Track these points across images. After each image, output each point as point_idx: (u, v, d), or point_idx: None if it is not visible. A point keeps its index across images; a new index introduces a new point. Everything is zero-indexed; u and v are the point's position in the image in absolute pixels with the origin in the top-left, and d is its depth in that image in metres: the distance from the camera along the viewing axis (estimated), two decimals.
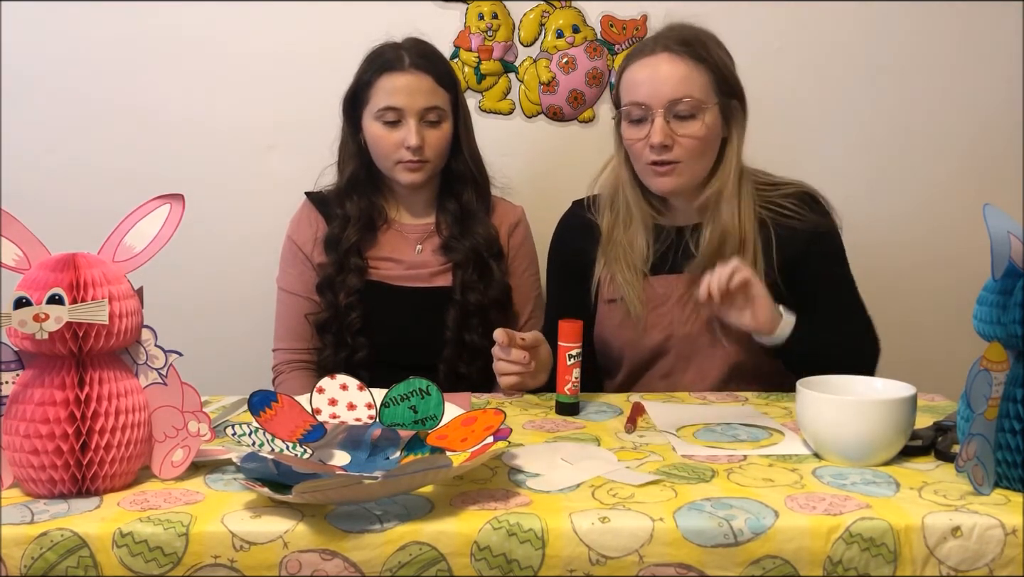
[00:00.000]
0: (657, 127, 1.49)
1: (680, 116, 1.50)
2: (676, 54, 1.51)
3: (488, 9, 2.09)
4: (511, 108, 2.13)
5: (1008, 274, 0.99)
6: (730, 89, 1.54)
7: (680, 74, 1.50)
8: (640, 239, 1.58)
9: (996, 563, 0.91)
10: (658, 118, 1.49)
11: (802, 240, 1.55)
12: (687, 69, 1.50)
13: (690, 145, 1.51)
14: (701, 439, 1.22)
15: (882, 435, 1.08)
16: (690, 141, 1.50)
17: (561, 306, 1.65)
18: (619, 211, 1.61)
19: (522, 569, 0.91)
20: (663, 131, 1.49)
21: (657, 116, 1.49)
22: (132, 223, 1.07)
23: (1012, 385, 0.99)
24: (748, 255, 1.53)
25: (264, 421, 1.08)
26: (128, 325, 1.03)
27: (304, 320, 1.77)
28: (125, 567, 0.90)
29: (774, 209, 1.57)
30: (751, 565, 0.91)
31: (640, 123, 1.52)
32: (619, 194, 1.61)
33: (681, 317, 1.56)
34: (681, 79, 1.50)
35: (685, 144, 1.50)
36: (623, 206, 1.60)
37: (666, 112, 1.49)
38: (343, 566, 0.91)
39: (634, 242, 1.58)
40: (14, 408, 1.01)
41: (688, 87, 1.50)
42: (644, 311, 1.57)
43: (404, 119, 1.68)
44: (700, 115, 1.50)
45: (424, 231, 1.79)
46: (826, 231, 1.58)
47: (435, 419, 1.14)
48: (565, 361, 1.38)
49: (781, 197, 1.58)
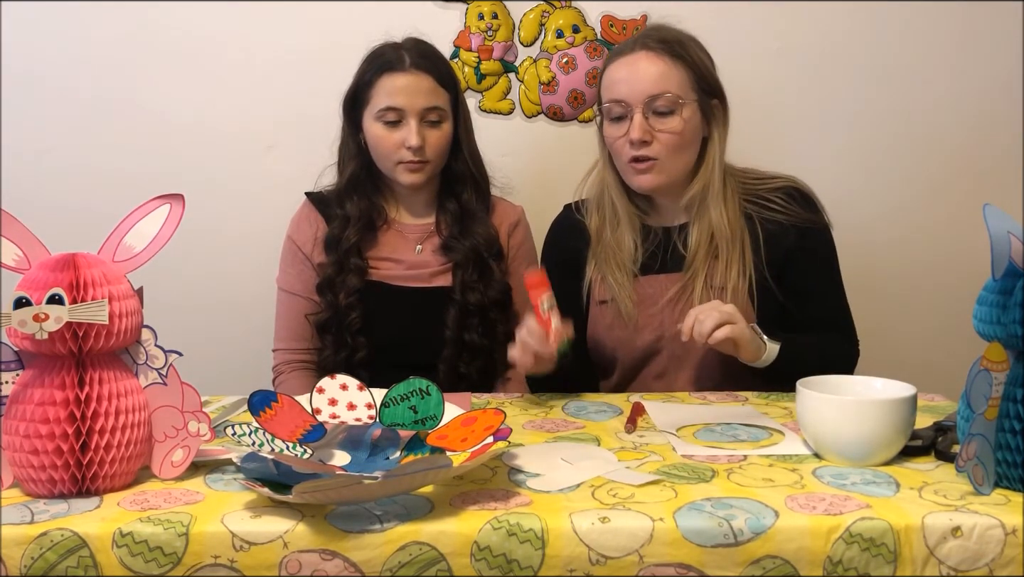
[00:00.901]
0: (636, 123, 1.51)
1: (658, 112, 1.52)
2: (654, 52, 1.53)
3: (488, 9, 2.09)
4: (511, 108, 2.13)
5: (1008, 274, 0.99)
6: (709, 88, 1.56)
7: (658, 70, 1.52)
8: (628, 239, 1.60)
9: (996, 563, 0.91)
10: (637, 114, 1.51)
11: (792, 236, 1.56)
12: (665, 66, 1.52)
13: (668, 141, 1.53)
14: (701, 439, 1.22)
15: (882, 435, 1.08)
16: (668, 137, 1.52)
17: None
18: (606, 213, 1.63)
19: (522, 569, 0.91)
20: (641, 127, 1.51)
21: (636, 112, 1.51)
22: (132, 223, 1.07)
23: (1012, 385, 0.99)
24: (736, 253, 1.54)
25: (264, 421, 1.08)
26: (128, 325, 1.03)
27: (304, 320, 1.77)
28: (125, 567, 0.90)
29: (760, 203, 1.59)
30: (751, 565, 0.91)
31: (620, 120, 1.54)
32: (605, 196, 1.63)
33: (672, 317, 1.57)
34: (659, 75, 1.52)
35: (663, 140, 1.52)
36: (609, 208, 1.62)
37: (644, 108, 1.51)
38: (343, 566, 0.91)
39: (622, 243, 1.60)
40: (14, 408, 1.01)
41: (666, 83, 1.52)
42: (635, 311, 1.58)
43: (405, 119, 1.68)
44: (678, 111, 1.52)
45: (424, 231, 1.79)
46: (816, 228, 1.59)
47: (435, 419, 1.14)
48: (540, 312, 1.38)
49: (768, 191, 1.60)
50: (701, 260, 1.55)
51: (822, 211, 1.61)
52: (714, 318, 1.38)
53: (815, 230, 1.58)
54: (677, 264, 1.58)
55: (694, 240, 1.56)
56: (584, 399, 1.47)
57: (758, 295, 1.54)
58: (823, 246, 1.60)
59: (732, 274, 1.54)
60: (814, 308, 1.57)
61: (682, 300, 1.55)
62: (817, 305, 1.58)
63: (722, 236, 1.55)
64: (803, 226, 1.57)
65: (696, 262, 1.56)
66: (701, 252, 1.55)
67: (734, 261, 1.54)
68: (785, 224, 1.57)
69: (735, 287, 1.53)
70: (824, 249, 1.60)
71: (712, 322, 1.37)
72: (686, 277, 1.56)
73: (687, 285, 1.56)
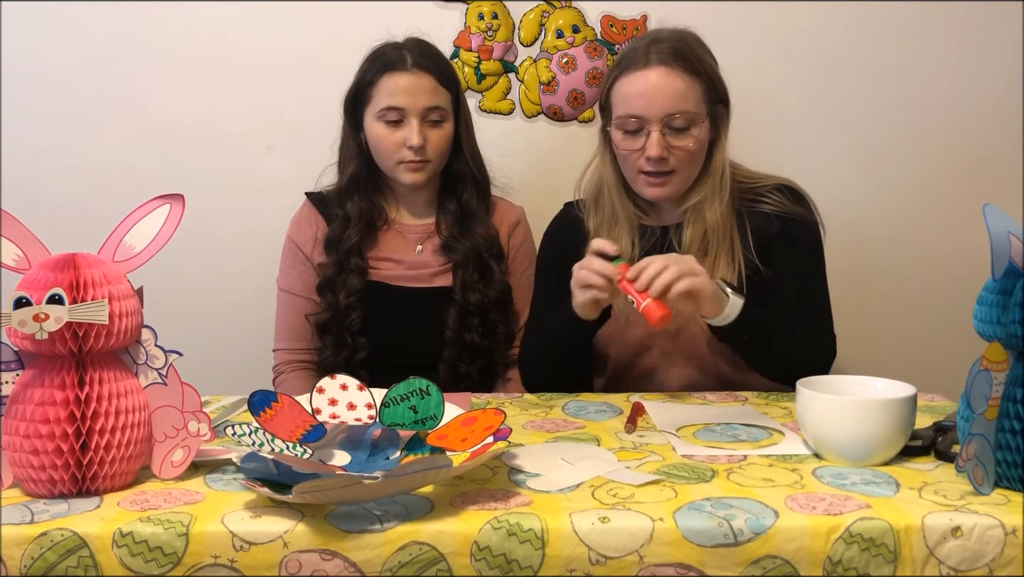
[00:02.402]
0: (654, 141, 1.51)
1: (675, 129, 1.52)
2: (671, 68, 1.52)
3: (488, 9, 2.09)
4: (511, 108, 2.13)
5: (1008, 274, 0.99)
6: (718, 95, 1.57)
7: (676, 89, 1.51)
8: (625, 239, 1.60)
9: (996, 563, 0.91)
10: (654, 132, 1.51)
11: (776, 225, 1.58)
12: (683, 84, 1.52)
13: (684, 156, 1.54)
14: (701, 439, 1.22)
15: (882, 435, 1.08)
16: (685, 153, 1.53)
17: (549, 299, 1.66)
18: (604, 212, 1.63)
19: (522, 569, 0.91)
20: (660, 145, 1.51)
21: (654, 131, 1.51)
22: (132, 223, 1.07)
23: (1012, 385, 0.99)
24: (725, 247, 1.55)
25: (264, 421, 1.08)
26: (128, 325, 1.03)
27: (304, 320, 1.77)
28: (125, 567, 0.90)
29: (751, 199, 1.60)
30: (751, 565, 0.91)
31: (635, 134, 1.53)
32: (603, 195, 1.63)
33: None
34: (677, 94, 1.51)
35: (680, 156, 1.53)
36: (608, 207, 1.63)
37: (662, 126, 1.51)
38: (343, 566, 0.91)
39: (619, 242, 1.60)
40: (14, 408, 1.01)
41: (684, 102, 1.52)
42: (628, 308, 1.58)
43: (406, 119, 1.68)
44: (695, 128, 1.53)
45: (424, 231, 1.79)
46: (802, 221, 1.59)
47: (435, 419, 1.14)
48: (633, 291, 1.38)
49: (761, 188, 1.61)
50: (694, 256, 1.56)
51: (813, 209, 1.62)
52: (672, 271, 1.36)
53: (800, 222, 1.59)
54: None
55: (688, 238, 1.57)
56: (584, 399, 1.47)
57: (749, 286, 1.55)
58: (807, 237, 1.60)
59: (720, 267, 1.55)
60: (791, 298, 1.56)
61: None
62: (795, 295, 1.57)
63: (715, 234, 1.56)
64: (788, 216, 1.58)
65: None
66: (694, 249, 1.56)
67: (722, 254, 1.55)
68: (771, 215, 1.58)
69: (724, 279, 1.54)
70: (807, 240, 1.60)
71: (670, 275, 1.35)
72: None
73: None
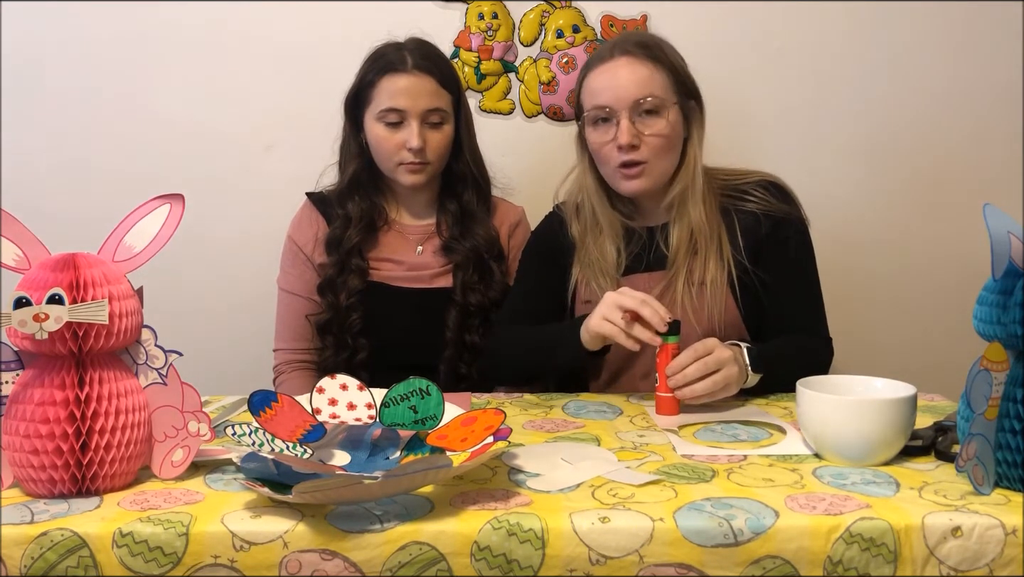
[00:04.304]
0: (624, 128, 1.52)
1: (644, 115, 1.53)
2: (635, 56, 1.54)
3: (488, 9, 2.09)
4: (511, 108, 2.13)
5: (1008, 274, 0.99)
6: (687, 90, 1.58)
7: (641, 75, 1.53)
8: (610, 247, 1.61)
9: (996, 563, 0.91)
10: (623, 119, 1.52)
11: (766, 226, 1.58)
12: (647, 70, 1.54)
13: (656, 143, 1.54)
14: (701, 439, 1.22)
15: (882, 435, 1.08)
16: (656, 139, 1.54)
17: (531, 291, 1.66)
18: (587, 221, 1.64)
19: (522, 569, 0.91)
20: (630, 131, 1.52)
21: (622, 118, 1.52)
22: (132, 223, 1.07)
23: (1012, 385, 0.99)
24: (713, 247, 1.55)
25: (264, 421, 1.08)
26: (128, 325, 1.03)
27: (305, 320, 1.77)
28: (125, 567, 0.90)
29: (736, 196, 1.60)
30: (751, 565, 0.91)
31: (604, 125, 1.55)
32: (584, 202, 1.64)
33: None
34: (642, 80, 1.53)
35: (651, 143, 1.53)
36: (590, 215, 1.63)
37: (631, 113, 1.52)
38: (343, 566, 0.91)
39: (605, 251, 1.61)
40: (14, 408, 1.01)
41: (650, 87, 1.53)
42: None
43: (406, 120, 1.68)
44: (663, 113, 1.53)
45: (425, 232, 1.79)
46: (790, 220, 1.60)
47: (435, 419, 1.14)
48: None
49: (745, 184, 1.61)
50: (682, 258, 1.57)
51: (798, 205, 1.63)
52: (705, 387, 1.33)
53: (788, 222, 1.59)
54: (660, 263, 1.60)
55: (675, 238, 1.58)
56: (584, 399, 1.47)
57: (739, 286, 1.55)
58: (796, 238, 1.60)
59: (710, 267, 1.55)
60: (784, 301, 1.57)
61: (665, 298, 1.55)
62: (787, 299, 1.57)
63: (701, 232, 1.56)
64: (777, 216, 1.58)
65: (678, 260, 1.57)
66: (682, 250, 1.56)
67: (712, 254, 1.55)
68: (759, 214, 1.58)
69: (714, 280, 1.55)
70: (797, 241, 1.60)
71: (701, 390, 1.33)
72: (669, 275, 1.58)
73: (670, 283, 1.57)
